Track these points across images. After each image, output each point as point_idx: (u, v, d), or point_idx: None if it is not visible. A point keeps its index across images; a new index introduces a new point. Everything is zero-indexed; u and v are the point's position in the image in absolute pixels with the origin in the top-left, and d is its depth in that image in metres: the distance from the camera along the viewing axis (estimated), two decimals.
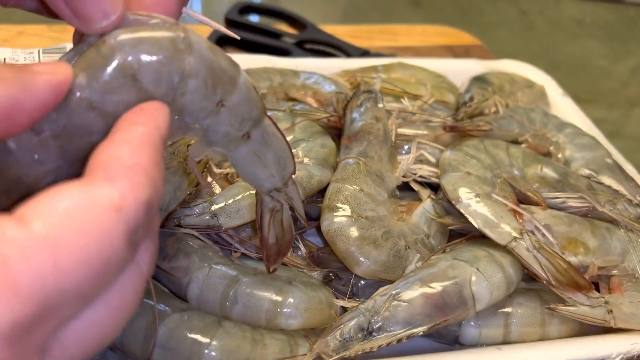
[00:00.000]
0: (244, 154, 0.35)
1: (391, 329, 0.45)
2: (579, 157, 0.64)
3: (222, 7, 1.83)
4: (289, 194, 0.40)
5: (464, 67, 0.79)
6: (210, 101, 0.31)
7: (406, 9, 2.00)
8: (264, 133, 0.35)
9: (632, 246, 0.54)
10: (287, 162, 0.38)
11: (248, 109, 0.33)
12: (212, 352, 0.42)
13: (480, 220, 0.51)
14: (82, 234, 0.22)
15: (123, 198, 0.23)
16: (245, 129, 0.34)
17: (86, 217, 0.22)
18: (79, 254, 0.22)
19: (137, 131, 0.26)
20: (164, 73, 0.28)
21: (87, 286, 0.22)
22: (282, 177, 0.38)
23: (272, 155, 0.37)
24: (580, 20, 1.98)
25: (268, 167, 0.37)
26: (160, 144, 0.27)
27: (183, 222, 0.50)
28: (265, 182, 0.38)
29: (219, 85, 0.31)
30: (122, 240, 0.23)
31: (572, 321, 0.50)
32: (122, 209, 0.23)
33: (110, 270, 0.23)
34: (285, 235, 0.43)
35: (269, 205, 0.40)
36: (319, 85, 0.68)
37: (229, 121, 0.32)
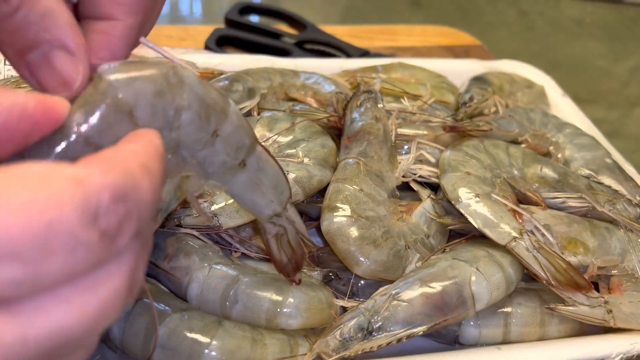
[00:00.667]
0: (242, 182, 0.36)
1: (391, 329, 0.45)
2: (579, 157, 0.64)
3: (222, 7, 1.83)
4: (290, 217, 0.41)
5: (464, 67, 0.79)
6: (205, 132, 0.32)
7: (406, 9, 2.00)
8: (259, 160, 0.36)
9: (632, 246, 0.54)
10: (283, 186, 0.39)
11: (241, 136, 0.34)
12: (212, 352, 0.42)
13: (480, 220, 0.51)
14: (26, 191, 0.20)
15: (88, 176, 0.22)
16: (240, 157, 0.35)
17: (37, 179, 0.21)
18: (16, 207, 0.20)
19: (130, 144, 0.26)
20: (159, 108, 0.29)
21: (26, 246, 0.20)
22: (281, 201, 0.39)
23: (268, 181, 0.38)
24: (580, 20, 1.98)
25: (266, 193, 0.38)
26: (155, 158, 0.26)
27: (183, 222, 0.50)
28: (265, 209, 0.39)
29: (212, 115, 0.32)
30: (74, 212, 0.21)
31: (572, 321, 0.50)
32: (82, 183, 0.21)
33: (57, 239, 0.21)
34: (297, 252, 0.44)
35: (272, 231, 0.41)
36: (319, 85, 0.68)
37: (224, 150, 0.33)
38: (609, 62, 1.75)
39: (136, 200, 0.23)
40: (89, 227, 0.21)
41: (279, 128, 0.59)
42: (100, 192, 0.22)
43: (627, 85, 1.64)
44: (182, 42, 0.87)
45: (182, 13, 1.97)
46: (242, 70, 0.67)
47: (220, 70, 0.69)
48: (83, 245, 0.21)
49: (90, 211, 0.21)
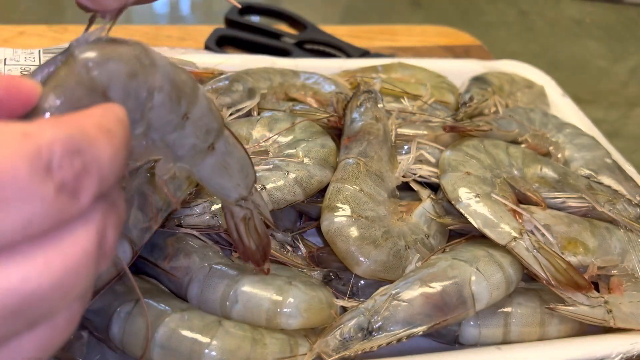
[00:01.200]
0: (210, 165, 0.36)
1: (391, 329, 0.45)
2: (579, 157, 0.64)
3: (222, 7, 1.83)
4: (255, 201, 0.42)
5: (464, 68, 0.80)
6: (176, 114, 0.32)
7: (406, 9, 2.00)
8: (227, 143, 0.36)
9: (632, 246, 0.54)
10: (249, 170, 0.39)
11: (210, 120, 0.34)
12: (212, 351, 0.42)
13: (480, 220, 0.51)
14: None
15: (39, 130, 0.21)
16: (210, 140, 0.35)
17: None
18: None
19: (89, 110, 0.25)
20: (132, 89, 0.29)
21: None
22: (247, 185, 0.40)
23: (236, 164, 0.38)
24: (580, 20, 1.98)
25: (233, 176, 0.38)
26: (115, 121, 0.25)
27: (183, 222, 0.50)
28: (232, 192, 0.39)
29: (183, 98, 0.32)
30: (23, 163, 0.20)
31: (572, 321, 0.50)
32: (32, 136, 0.21)
33: (8, 191, 0.20)
34: (263, 239, 0.44)
35: (239, 215, 0.42)
36: (319, 85, 0.68)
37: (194, 133, 0.33)
38: (609, 62, 1.75)
39: (93, 156, 0.23)
40: (42, 178, 0.21)
41: (279, 128, 0.59)
42: (51, 144, 0.21)
43: (627, 85, 1.64)
44: (182, 42, 0.87)
45: (182, 13, 1.97)
46: (242, 70, 0.67)
47: (220, 70, 0.69)
48: (38, 198, 0.21)
49: (41, 162, 0.21)
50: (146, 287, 0.48)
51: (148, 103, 0.30)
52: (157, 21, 1.99)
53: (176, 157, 0.34)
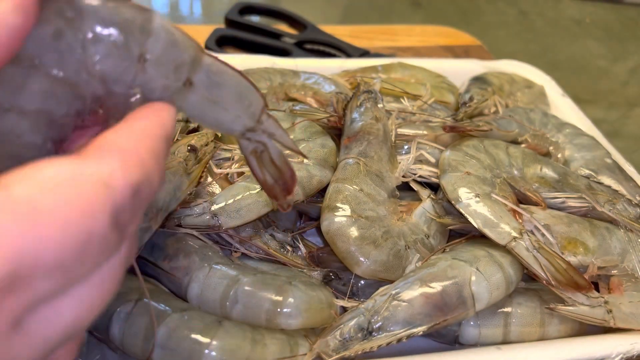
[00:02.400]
0: (194, 102, 0.31)
1: (391, 329, 0.45)
2: (579, 157, 0.64)
3: (222, 7, 1.83)
4: (268, 129, 0.36)
5: (463, 68, 0.80)
6: (129, 60, 0.28)
7: (406, 9, 2.00)
8: (209, 74, 0.31)
9: (632, 246, 0.54)
10: (251, 97, 0.34)
11: (176, 53, 0.29)
12: (212, 352, 0.42)
13: (479, 220, 0.51)
14: (65, 202, 0.20)
15: (112, 176, 0.22)
16: (183, 76, 0.30)
17: (71, 187, 0.21)
18: (59, 222, 0.20)
19: (139, 123, 0.26)
20: (64, 50, 0.26)
21: (67, 259, 0.21)
22: (251, 114, 0.34)
23: (229, 95, 0.33)
24: (580, 20, 1.98)
25: (229, 109, 0.33)
26: (162, 140, 0.26)
27: (183, 222, 0.50)
28: (233, 125, 0.34)
29: (131, 39, 0.28)
30: (106, 218, 0.22)
31: (572, 321, 0.50)
32: (110, 186, 0.22)
33: (93, 246, 0.21)
34: (284, 171, 0.38)
35: (248, 148, 0.36)
36: (319, 85, 0.68)
37: (159, 74, 0.29)
38: (609, 62, 1.75)
39: (147, 192, 0.24)
40: (115, 227, 0.22)
41: None
42: (124, 194, 0.22)
43: (627, 85, 1.64)
44: None
45: (182, 13, 1.97)
46: (242, 70, 0.67)
47: None
48: (108, 246, 0.22)
49: (117, 214, 0.22)
50: (146, 287, 0.48)
51: (89, 58, 0.27)
52: None
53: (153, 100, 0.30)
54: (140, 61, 0.28)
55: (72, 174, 0.21)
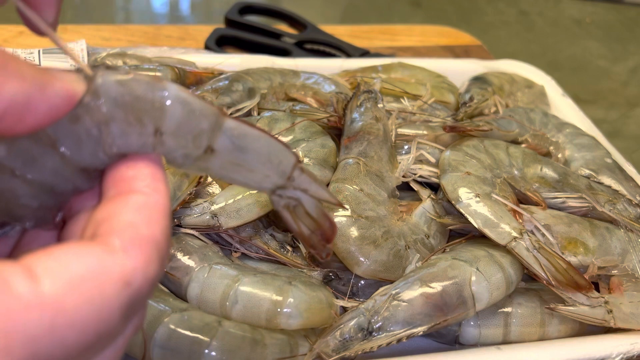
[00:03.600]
0: (218, 166, 0.31)
1: (391, 329, 0.45)
2: (579, 157, 0.64)
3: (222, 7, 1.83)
4: (300, 185, 0.35)
5: (464, 67, 0.80)
6: (145, 136, 0.28)
7: (406, 9, 2.00)
8: (232, 138, 0.31)
9: (632, 246, 0.54)
10: (280, 156, 0.33)
11: (194, 124, 0.29)
12: (212, 352, 0.42)
13: (480, 220, 0.51)
14: (87, 304, 0.22)
15: (134, 273, 0.24)
16: (203, 144, 0.30)
17: (95, 287, 0.22)
18: (78, 324, 0.22)
19: (153, 199, 0.26)
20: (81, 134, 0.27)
21: (75, 354, 0.22)
22: (281, 173, 0.34)
23: (255, 157, 0.32)
24: (580, 20, 1.98)
25: (256, 170, 0.32)
26: (170, 213, 0.27)
27: (183, 222, 0.50)
28: (262, 184, 0.34)
29: (144, 116, 0.28)
30: (121, 315, 0.23)
31: (572, 321, 0.50)
32: (130, 284, 0.23)
33: (101, 341, 0.23)
34: (321, 222, 0.37)
35: (280, 204, 0.35)
36: (319, 85, 0.68)
37: (179, 145, 0.29)
38: (609, 62, 1.75)
39: (154, 281, 0.25)
40: (125, 319, 0.24)
41: (279, 128, 0.59)
42: (142, 290, 0.24)
43: (627, 85, 1.64)
44: (182, 42, 0.87)
45: (182, 13, 1.97)
46: (242, 70, 0.67)
47: (220, 70, 0.69)
48: (116, 334, 0.24)
49: (130, 309, 0.24)
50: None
51: (106, 140, 0.27)
52: (157, 21, 1.99)
53: (178, 164, 0.30)
54: (157, 135, 0.28)
55: (98, 271, 0.23)
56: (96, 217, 0.25)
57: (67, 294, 0.22)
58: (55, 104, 0.25)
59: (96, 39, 0.83)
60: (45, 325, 0.21)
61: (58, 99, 0.25)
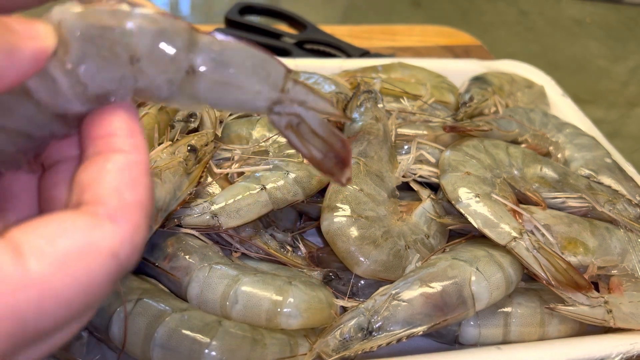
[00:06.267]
0: (205, 89, 0.29)
1: (391, 329, 0.45)
2: (579, 157, 0.64)
3: (222, 7, 1.83)
4: (297, 97, 0.32)
5: (464, 67, 0.80)
6: (122, 66, 0.27)
7: (406, 9, 2.00)
8: (210, 54, 0.28)
9: (632, 246, 0.54)
10: (267, 67, 0.30)
11: (167, 43, 0.27)
12: (212, 351, 0.42)
13: (480, 220, 0.51)
14: (75, 281, 0.22)
15: (122, 243, 0.24)
16: (184, 65, 0.28)
17: (83, 264, 0.22)
18: (66, 300, 0.22)
19: (133, 157, 0.26)
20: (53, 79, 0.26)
21: (62, 322, 0.23)
22: (273, 84, 0.31)
23: (241, 71, 0.30)
24: (580, 20, 1.98)
25: (245, 86, 0.30)
26: (150, 174, 0.27)
27: (183, 222, 0.50)
28: (256, 103, 0.31)
29: (114, 46, 0.26)
30: (109, 285, 0.24)
31: (572, 321, 0.50)
32: (118, 256, 0.24)
33: (89, 310, 0.24)
34: (331, 141, 0.33)
35: (281, 123, 0.32)
36: (319, 85, 0.68)
37: (158, 70, 0.27)
38: (609, 62, 1.75)
39: (141, 245, 0.25)
40: (113, 284, 0.24)
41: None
42: (130, 258, 0.24)
43: (627, 85, 1.64)
44: None
45: (182, 13, 1.97)
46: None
47: None
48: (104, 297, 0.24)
49: (119, 275, 0.24)
50: (146, 287, 0.48)
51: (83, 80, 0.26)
52: None
53: (164, 100, 0.29)
54: (134, 63, 0.27)
55: (85, 247, 0.23)
56: (80, 181, 0.25)
57: (54, 273, 0.22)
58: (24, 69, 0.24)
59: None
60: (33, 304, 0.21)
61: (26, 63, 0.24)
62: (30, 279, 0.21)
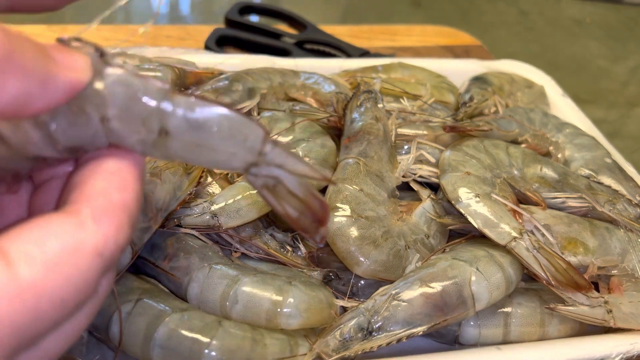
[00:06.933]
0: (178, 149, 0.29)
1: (391, 329, 0.45)
2: (579, 157, 0.64)
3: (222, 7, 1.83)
4: (274, 161, 0.31)
5: (464, 67, 0.80)
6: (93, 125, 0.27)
7: (406, 9, 2.00)
8: (184, 117, 0.28)
9: (632, 246, 0.54)
10: (245, 131, 0.29)
11: (139, 105, 0.27)
12: (212, 352, 0.42)
13: (480, 220, 0.51)
14: (65, 282, 0.23)
15: (106, 243, 0.24)
16: (155, 127, 0.27)
17: (71, 265, 0.23)
18: (59, 301, 0.23)
19: (126, 162, 0.27)
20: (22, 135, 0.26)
21: (57, 322, 0.24)
22: (249, 149, 0.30)
23: (215, 135, 0.29)
24: (580, 20, 1.98)
25: (219, 149, 0.29)
26: (142, 181, 0.28)
27: (183, 222, 0.50)
28: (232, 163, 0.30)
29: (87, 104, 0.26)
30: (96, 282, 0.24)
31: (572, 321, 0.50)
32: (103, 254, 0.24)
33: (79, 307, 0.25)
34: (309, 202, 0.33)
35: (257, 184, 0.32)
36: (319, 85, 0.68)
37: (129, 130, 0.27)
38: (609, 62, 1.75)
39: (126, 244, 0.26)
40: (99, 283, 0.25)
41: (279, 128, 0.59)
42: (114, 256, 0.25)
43: (627, 85, 1.64)
44: (182, 42, 0.87)
45: (182, 13, 1.97)
46: (242, 70, 0.67)
47: (220, 70, 0.69)
48: (91, 296, 0.25)
49: (104, 274, 0.25)
50: (146, 287, 0.48)
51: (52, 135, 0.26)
52: (157, 21, 1.99)
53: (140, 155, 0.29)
54: (104, 122, 0.27)
55: (72, 248, 0.23)
56: (70, 182, 0.26)
57: (45, 277, 0.22)
58: (56, 99, 0.25)
59: (96, 39, 0.83)
60: (29, 310, 0.22)
61: (59, 93, 0.24)
62: (23, 285, 0.22)
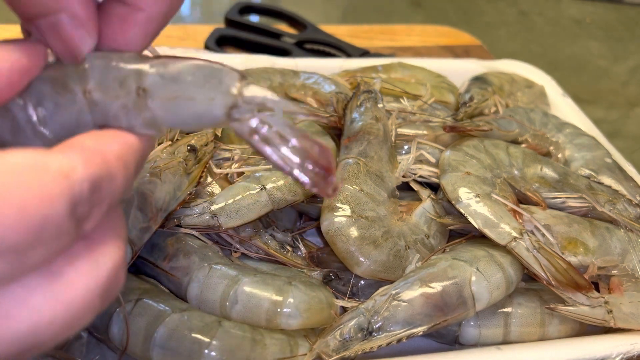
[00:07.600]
0: (159, 107, 0.29)
1: (391, 329, 0.45)
2: (579, 157, 0.64)
3: (222, 7, 1.84)
4: (255, 100, 0.29)
5: (464, 67, 0.80)
6: (75, 102, 0.28)
7: (406, 9, 2.00)
8: (158, 72, 0.29)
9: (632, 246, 0.54)
10: (217, 74, 0.29)
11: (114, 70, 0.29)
12: (212, 352, 0.42)
13: (480, 220, 0.51)
14: (24, 187, 0.22)
15: (73, 169, 0.23)
16: (133, 87, 0.28)
17: (32, 174, 0.22)
18: (16, 204, 0.21)
19: (110, 132, 0.27)
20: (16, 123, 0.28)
21: (21, 241, 0.22)
22: (226, 91, 0.29)
23: (190, 83, 0.29)
24: (580, 20, 1.98)
25: (197, 97, 0.29)
26: (130, 149, 0.27)
27: (183, 222, 0.50)
28: (213, 112, 0.29)
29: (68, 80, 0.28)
30: (63, 205, 0.23)
31: (572, 321, 0.50)
32: (69, 177, 0.23)
33: (48, 232, 0.22)
34: (306, 147, 0.29)
35: (244, 130, 0.30)
36: (319, 85, 0.68)
37: (109, 96, 0.28)
38: (609, 62, 1.75)
39: (109, 190, 0.25)
40: (71, 217, 0.23)
41: None
42: (82, 185, 0.23)
43: (627, 85, 1.64)
44: (182, 42, 0.87)
45: (182, 13, 1.97)
46: (242, 70, 0.67)
47: None
48: (64, 233, 0.23)
49: (74, 204, 0.23)
50: (146, 287, 0.48)
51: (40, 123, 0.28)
52: None
53: (128, 127, 0.29)
54: (86, 95, 0.28)
55: (35, 162, 0.23)
56: None
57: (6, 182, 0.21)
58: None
59: None
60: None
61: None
62: None
